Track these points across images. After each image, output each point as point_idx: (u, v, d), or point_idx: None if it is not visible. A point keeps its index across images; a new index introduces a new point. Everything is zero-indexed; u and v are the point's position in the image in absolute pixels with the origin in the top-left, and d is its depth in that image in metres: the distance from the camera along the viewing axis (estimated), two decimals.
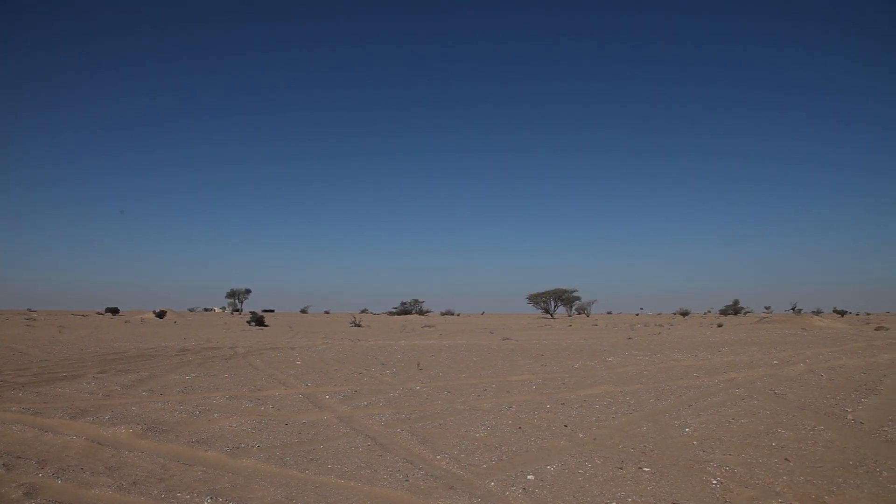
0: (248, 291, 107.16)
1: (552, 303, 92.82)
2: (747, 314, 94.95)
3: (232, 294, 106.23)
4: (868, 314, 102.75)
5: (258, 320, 43.55)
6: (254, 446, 6.60)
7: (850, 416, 7.97)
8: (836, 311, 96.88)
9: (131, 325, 42.34)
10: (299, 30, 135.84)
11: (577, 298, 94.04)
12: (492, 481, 5.32)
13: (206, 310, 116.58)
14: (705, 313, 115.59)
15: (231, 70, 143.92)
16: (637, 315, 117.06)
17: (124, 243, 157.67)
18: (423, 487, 5.15)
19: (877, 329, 34.58)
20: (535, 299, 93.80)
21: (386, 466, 5.82)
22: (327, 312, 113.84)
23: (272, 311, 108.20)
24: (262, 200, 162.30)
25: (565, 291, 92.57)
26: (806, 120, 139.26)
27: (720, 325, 45.53)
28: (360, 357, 16.55)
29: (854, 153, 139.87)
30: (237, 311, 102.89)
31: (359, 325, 43.09)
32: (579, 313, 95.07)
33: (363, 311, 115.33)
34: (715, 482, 5.23)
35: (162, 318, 61.94)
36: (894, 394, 9.70)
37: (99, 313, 78.62)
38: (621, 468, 5.70)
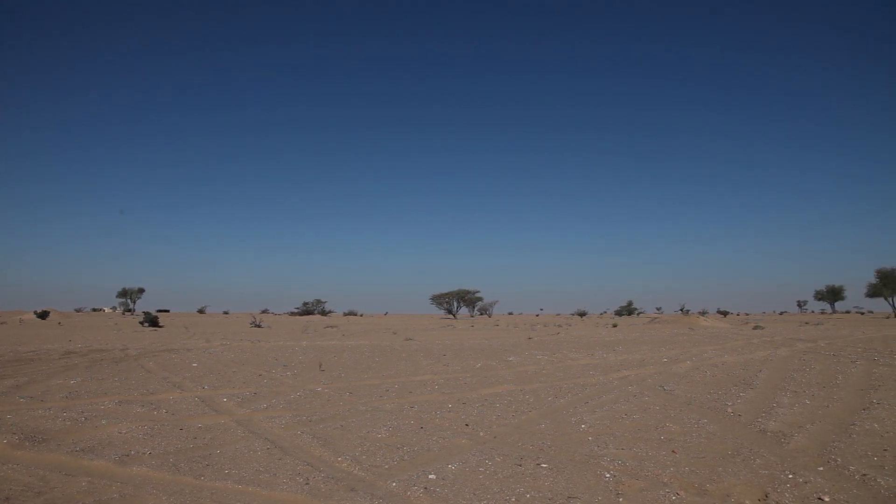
0: (141, 291, 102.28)
1: (455, 303, 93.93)
2: (640, 315, 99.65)
3: (124, 293, 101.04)
4: (747, 314, 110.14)
5: (152, 321, 41.58)
6: (145, 453, 6.29)
7: (729, 410, 8.51)
8: (719, 312, 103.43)
9: (8, 327, 39.33)
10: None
11: (480, 299, 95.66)
12: (393, 482, 5.31)
13: (94, 310, 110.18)
14: (601, 314, 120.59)
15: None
16: (537, 316, 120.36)
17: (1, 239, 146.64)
18: (324, 490, 5.08)
19: (754, 328, 37.15)
20: (438, 300, 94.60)
21: (286, 470, 5.70)
22: (226, 313, 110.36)
23: (167, 311, 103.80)
24: (156, 196, 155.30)
25: (468, 292, 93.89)
26: (694, 133, 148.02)
27: (615, 326, 47.50)
28: (261, 358, 16.13)
29: (735, 167, 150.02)
30: (129, 311, 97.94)
31: (259, 326, 42.01)
32: (481, 314, 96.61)
33: (264, 312, 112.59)
34: (608, 475, 5.45)
35: (44, 318, 58.14)
36: (768, 388, 10.45)
37: None
38: (520, 465, 5.83)
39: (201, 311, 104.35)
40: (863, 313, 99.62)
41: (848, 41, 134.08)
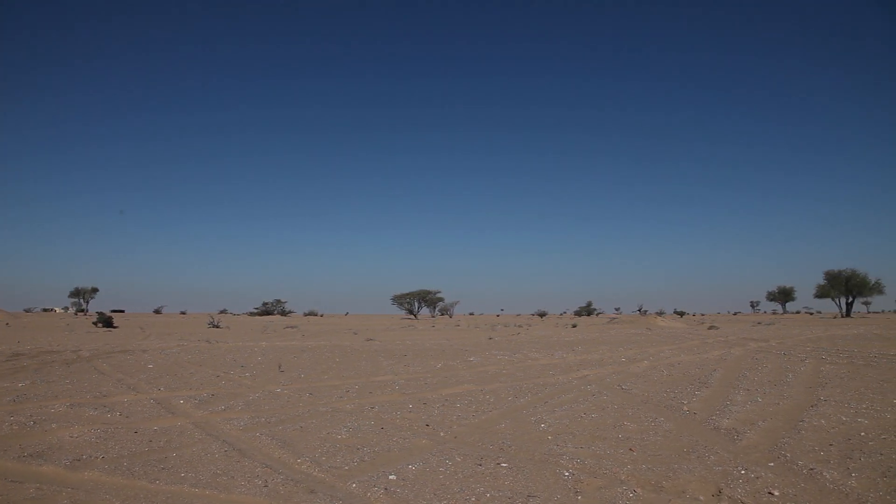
0: (94, 290, 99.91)
1: (416, 304, 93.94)
2: (599, 315, 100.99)
3: (76, 293, 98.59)
4: (703, 315, 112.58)
5: (106, 321, 40.47)
6: (98, 457, 6.13)
7: (685, 408, 8.70)
8: (676, 312, 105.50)
9: None
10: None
11: (441, 300, 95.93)
12: (353, 483, 5.28)
13: (45, 310, 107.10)
14: (561, 314, 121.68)
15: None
16: (498, 316, 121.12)
17: None
18: (283, 492, 5.02)
19: (709, 328, 38.00)
20: (399, 300, 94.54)
21: (244, 472, 5.61)
22: (183, 313, 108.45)
23: (122, 311, 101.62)
24: (111, 194, 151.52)
25: (429, 293, 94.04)
26: (650, 138, 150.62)
27: (574, 326, 48.00)
28: (219, 359, 15.88)
29: (692, 172, 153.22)
30: (82, 311, 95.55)
31: (217, 326, 41.33)
32: (442, 314, 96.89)
33: (222, 312, 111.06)
34: (567, 474, 5.51)
35: None
36: (722, 386, 10.70)
37: None
38: (480, 465, 5.86)
39: (157, 312, 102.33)
40: (812, 313, 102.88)
41: (817, 43, 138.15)
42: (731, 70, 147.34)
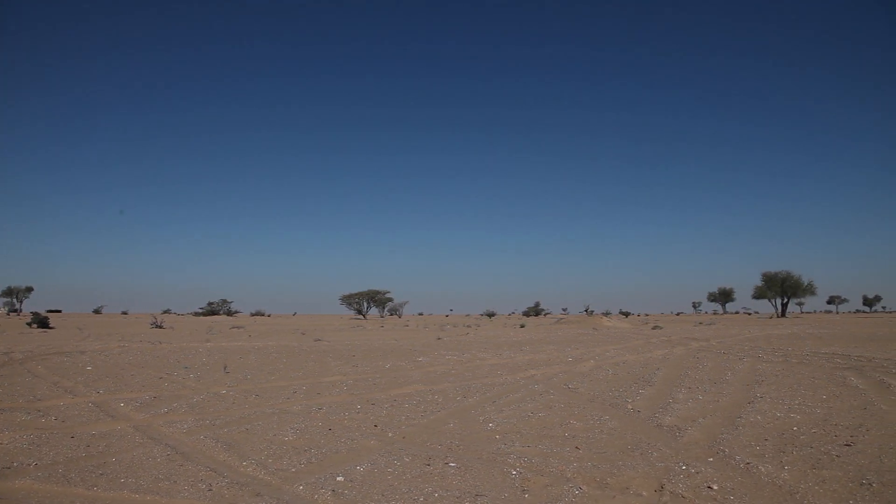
0: (29, 289, 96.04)
1: (365, 304, 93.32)
2: (547, 315, 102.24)
3: (9, 292, 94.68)
4: (647, 315, 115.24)
5: (41, 322, 38.87)
6: (30, 464, 5.88)
7: (629, 406, 8.89)
8: (622, 313, 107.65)
9: None
10: None
11: (390, 300, 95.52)
12: (300, 485, 5.22)
13: None
14: (510, 314, 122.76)
15: None
16: (447, 316, 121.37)
17: None
18: (228, 496, 4.93)
19: (653, 328, 38.95)
20: (348, 300, 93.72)
21: (187, 476, 5.48)
22: (125, 313, 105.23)
23: (59, 311, 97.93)
24: (46, 189, 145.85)
25: (378, 293, 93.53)
26: (597, 136, 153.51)
27: (523, 326, 48.47)
28: (161, 360, 15.47)
29: (640, 174, 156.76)
30: (15, 311, 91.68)
31: (160, 327, 40.26)
32: (391, 314, 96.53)
33: (166, 312, 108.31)
34: (515, 473, 5.57)
35: None
36: (665, 385, 10.98)
37: None
38: (429, 465, 5.87)
39: (97, 312, 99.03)
40: (750, 314, 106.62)
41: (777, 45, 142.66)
42: (678, 69, 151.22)
